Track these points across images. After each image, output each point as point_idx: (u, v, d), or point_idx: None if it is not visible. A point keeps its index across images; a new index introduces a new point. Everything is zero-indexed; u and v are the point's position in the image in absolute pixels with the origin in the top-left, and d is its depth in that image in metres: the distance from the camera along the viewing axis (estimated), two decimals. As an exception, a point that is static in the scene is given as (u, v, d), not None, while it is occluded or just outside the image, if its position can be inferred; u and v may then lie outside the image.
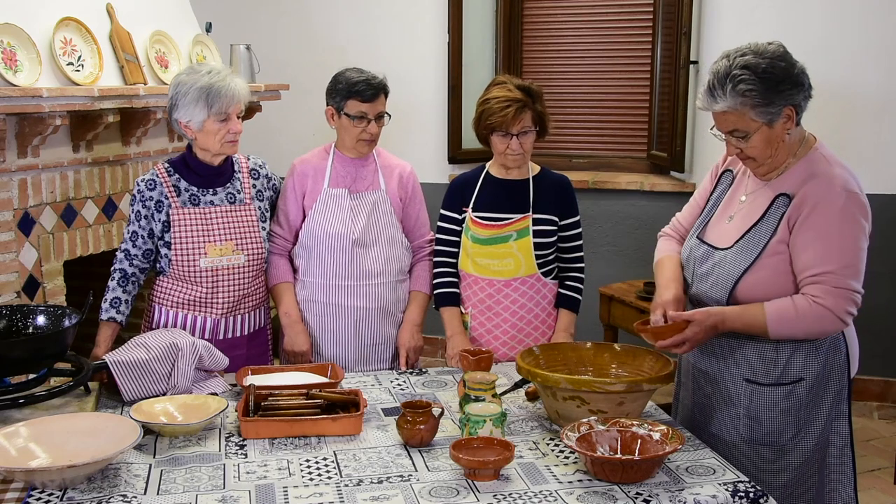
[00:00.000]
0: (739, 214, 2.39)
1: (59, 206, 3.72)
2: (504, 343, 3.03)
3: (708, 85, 2.26)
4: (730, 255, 2.34)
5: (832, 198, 2.23)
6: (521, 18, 5.41)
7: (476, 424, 2.20)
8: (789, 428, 2.35)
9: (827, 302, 2.21)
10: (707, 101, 2.27)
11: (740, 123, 2.25)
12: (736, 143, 2.29)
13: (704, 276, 2.39)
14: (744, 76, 2.20)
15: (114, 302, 2.86)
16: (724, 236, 2.39)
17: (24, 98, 3.29)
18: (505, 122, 2.86)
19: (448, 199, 3.11)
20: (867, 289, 3.50)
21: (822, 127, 4.63)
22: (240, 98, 2.84)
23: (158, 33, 4.17)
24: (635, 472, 2.02)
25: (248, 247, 2.94)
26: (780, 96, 2.22)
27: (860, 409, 4.80)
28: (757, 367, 2.36)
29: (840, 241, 2.23)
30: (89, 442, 2.11)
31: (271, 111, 4.99)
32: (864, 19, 4.56)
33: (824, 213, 2.23)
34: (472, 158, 5.35)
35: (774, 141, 2.27)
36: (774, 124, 2.24)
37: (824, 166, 2.29)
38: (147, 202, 2.87)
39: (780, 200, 2.30)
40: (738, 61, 2.22)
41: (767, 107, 2.21)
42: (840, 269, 2.22)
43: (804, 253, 2.24)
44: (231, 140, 2.86)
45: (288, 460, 2.17)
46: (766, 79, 2.20)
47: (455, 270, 3.09)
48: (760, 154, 2.29)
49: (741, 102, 2.21)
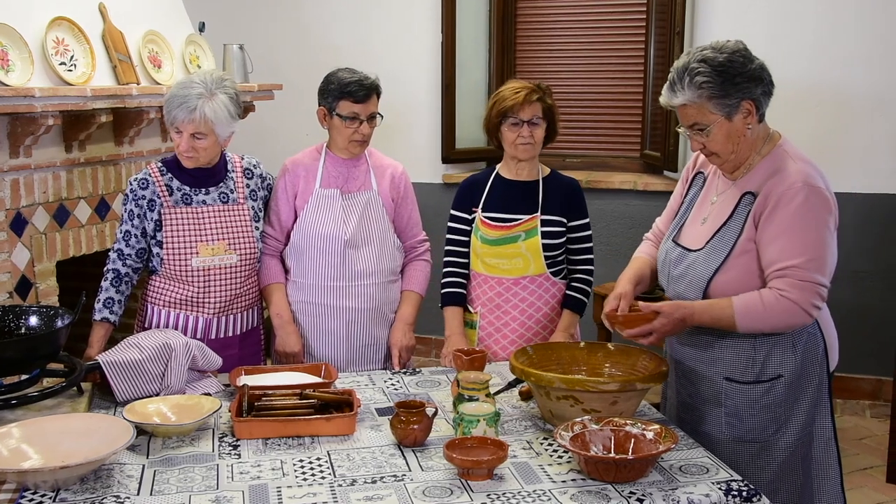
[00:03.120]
0: (712, 216, 2.42)
1: (52, 206, 3.71)
2: (512, 342, 3.03)
3: (669, 80, 2.33)
4: (701, 255, 2.38)
5: (794, 193, 2.26)
6: (514, 18, 5.41)
7: (470, 424, 2.20)
8: (771, 424, 2.38)
9: (792, 295, 2.24)
10: (668, 95, 2.33)
11: (700, 117, 2.30)
12: (698, 137, 2.34)
13: (679, 277, 2.43)
14: (701, 69, 2.25)
15: (107, 302, 2.86)
16: (698, 238, 2.42)
17: (17, 98, 3.28)
18: (516, 105, 2.90)
19: (458, 200, 3.12)
20: (860, 288, 3.56)
21: (816, 127, 4.70)
22: (198, 120, 2.74)
23: (151, 33, 4.16)
24: (629, 472, 2.03)
25: (241, 246, 2.93)
26: (737, 89, 2.26)
27: (852, 408, 4.82)
28: (735, 365, 2.38)
29: (803, 235, 2.26)
30: (82, 443, 2.11)
31: (265, 111, 4.99)
32: (856, 19, 4.58)
33: (787, 208, 2.26)
34: (465, 158, 5.36)
35: (735, 135, 2.31)
36: (733, 118, 2.29)
37: (787, 162, 2.33)
38: (139, 201, 2.87)
39: (746, 199, 2.34)
40: (696, 55, 2.28)
41: (724, 99, 2.26)
42: (805, 262, 2.25)
43: (769, 248, 2.28)
44: (185, 154, 2.83)
45: (281, 460, 2.17)
46: (723, 72, 2.25)
47: (464, 271, 3.10)
48: (722, 148, 2.33)
49: (699, 95, 2.26)
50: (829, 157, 4.71)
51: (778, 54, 4.70)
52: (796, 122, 4.74)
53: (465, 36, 5.30)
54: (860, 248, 4.70)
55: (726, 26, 4.78)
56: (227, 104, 2.80)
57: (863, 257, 4.70)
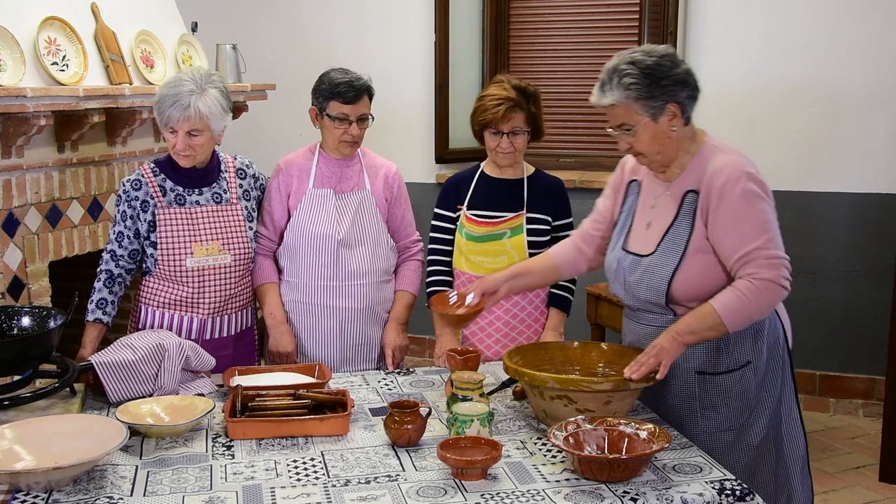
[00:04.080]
0: (655, 219, 2.46)
1: (44, 206, 3.70)
2: (497, 341, 3.03)
3: (599, 80, 2.38)
4: (655, 259, 2.42)
5: (734, 182, 2.31)
6: (507, 18, 5.41)
7: (463, 424, 2.19)
8: (744, 410, 2.44)
9: (764, 275, 2.28)
10: (598, 95, 2.38)
11: (627, 117, 2.35)
12: (625, 137, 2.38)
13: (637, 283, 2.45)
14: (629, 70, 2.31)
15: (100, 303, 2.85)
16: (647, 242, 2.46)
17: (8, 98, 3.27)
18: (496, 119, 2.90)
19: (443, 198, 3.12)
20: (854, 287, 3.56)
21: (810, 126, 4.71)
22: (193, 118, 2.75)
23: (144, 33, 4.15)
24: (622, 471, 2.03)
25: (235, 246, 2.93)
26: (662, 92, 2.32)
27: (845, 407, 4.83)
28: (705, 358, 2.43)
29: (752, 219, 2.31)
30: (75, 443, 2.10)
31: (258, 111, 4.98)
32: (850, 19, 4.58)
33: (731, 198, 2.31)
34: (459, 158, 5.35)
35: (660, 136, 2.36)
36: (659, 119, 2.34)
37: (718, 156, 2.38)
38: (133, 202, 2.86)
39: (689, 197, 2.39)
40: (626, 58, 2.34)
41: (650, 100, 2.32)
42: (764, 242, 2.30)
43: (724, 240, 2.32)
44: (181, 154, 2.83)
45: (275, 461, 2.16)
46: (650, 74, 2.30)
47: (448, 269, 3.10)
48: (648, 149, 2.38)
49: (626, 95, 2.32)
50: (822, 157, 4.73)
51: (771, 54, 4.73)
52: (790, 121, 4.76)
53: (458, 36, 5.30)
54: (854, 247, 4.71)
55: (719, 26, 4.79)
56: (218, 98, 2.80)
57: (857, 257, 4.72)
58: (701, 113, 2.45)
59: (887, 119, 4.60)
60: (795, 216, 4.77)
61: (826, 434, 4.57)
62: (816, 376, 4.86)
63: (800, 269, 4.81)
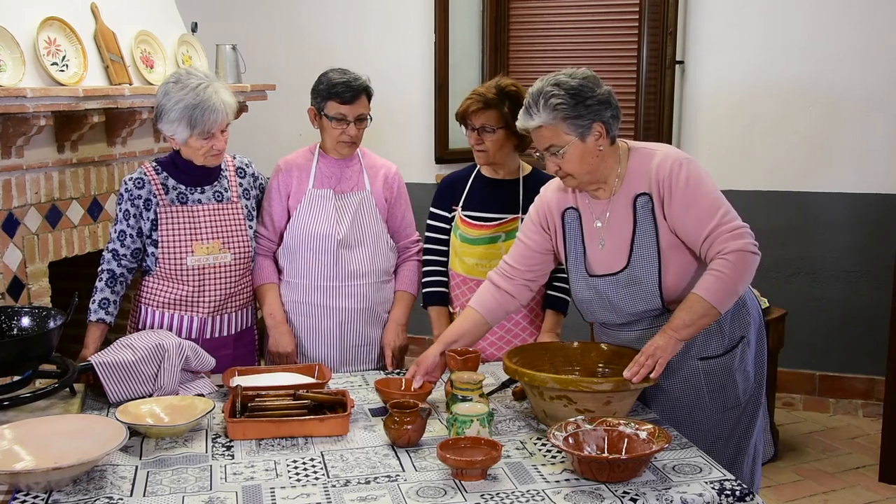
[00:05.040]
0: (609, 237, 2.49)
1: (44, 206, 3.70)
2: (492, 343, 3.03)
3: (524, 104, 2.43)
4: (634, 271, 2.44)
5: (676, 172, 2.38)
6: (507, 18, 5.41)
7: (463, 424, 2.20)
8: (746, 383, 2.52)
9: (734, 246, 2.32)
10: (524, 119, 2.43)
11: (555, 138, 2.39)
12: (553, 159, 2.42)
13: (625, 300, 2.47)
14: (555, 92, 2.37)
15: (102, 303, 2.85)
16: (613, 261, 2.48)
17: (8, 98, 3.27)
18: (465, 112, 2.93)
19: (438, 198, 3.11)
20: (853, 288, 3.55)
21: (809, 127, 4.71)
22: (225, 115, 2.80)
23: (144, 33, 4.15)
24: (622, 471, 2.03)
25: (235, 245, 2.93)
26: (589, 111, 2.37)
27: (845, 407, 4.83)
28: (705, 343, 2.47)
29: (704, 200, 2.37)
30: (75, 444, 2.10)
31: (258, 111, 4.97)
32: (849, 20, 4.59)
33: (678, 187, 2.38)
34: (459, 158, 5.35)
35: (588, 156, 2.41)
36: (586, 139, 2.39)
37: (651, 154, 2.46)
38: (136, 201, 2.86)
39: (640, 200, 2.44)
40: (550, 80, 2.41)
41: (577, 119, 2.37)
42: (720, 219, 2.35)
43: (685, 227, 2.38)
44: (214, 154, 2.85)
45: (275, 461, 2.16)
46: (575, 94, 2.37)
47: (444, 269, 3.09)
48: (577, 169, 2.42)
49: (553, 116, 2.37)
50: (821, 157, 4.73)
51: (770, 55, 4.73)
52: (789, 122, 4.76)
53: (458, 36, 5.30)
54: (853, 247, 4.71)
55: (719, 27, 4.79)
56: (225, 87, 2.84)
57: (856, 257, 4.72)
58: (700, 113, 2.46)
59: (886, 120, 4.60)
60: (794, 216, 4.77)
61: (826, 434, 4.57)
62: (816, 376, 4.86)
63: (799, 269, 4.82)
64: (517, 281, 2.64)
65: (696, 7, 4.84)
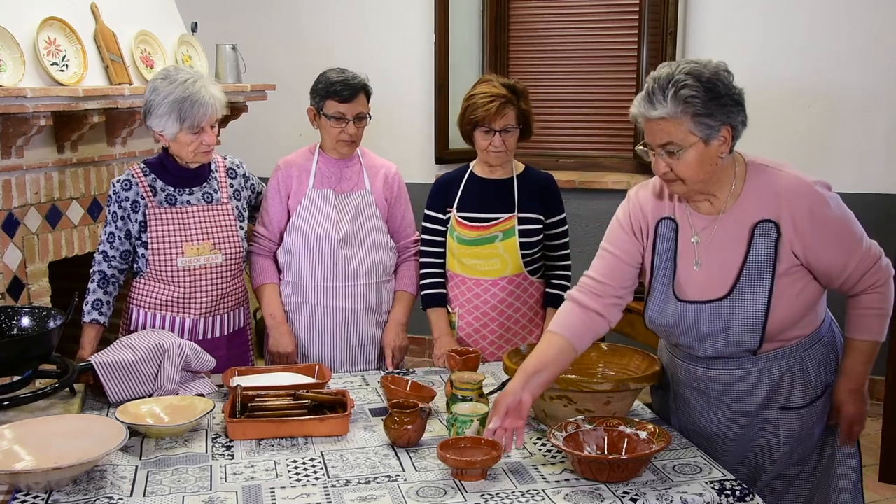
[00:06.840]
0: (707, 258, 2.20)
1: (44, 206, 3.70)
2: (492, 343, 3.03)
3: (647, 90, 2.09)
4: (736, 303, 2.15)
5: (814, 198, 2.13)
6: (507, 18, 5.41)
7: (463, 424, 2.20)
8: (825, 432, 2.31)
9: (883, 278, 2.20)
10: (644, 106, 2.09)
11: (677, 136, 2.07)
12: (666, 159, 2.11)
13: (718, 332, 2.19)
14: (688, 82, 2.05)
15: (95, 304, 2.85)
16: (709, 286, 2.19)
17: (8, 98, 3.27)
18: (488, 116, 2.87)
19: (432, 200, 3.11)
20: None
21: (809, 127, 4.71)
22: (214, 110, 2.79)
23: (143, 33, 4.15)
24: (622, 472, 2.03)
25: (226, 246, 2.92)
26: (722, 110, 2.08)
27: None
28: (790, 393, 2.24)
29: (847, 229, 2.18)
30: (75, 444, 2.10)
31: (258, 111, 4.98)
32: (849, 20, 4.59)
33: (824, 218, 2.14)
34: (458, 158, 5.34)
35: (707, 162, 2.10)
36: (711, 142, 2.09)
37: (778, 175, 2.18)
38: (123, 203, 2.85)
39: (763, 227, 2.14)
40: (682, 68, 2.09)
41: (707, 118, 2.06)
42: (866, 248, 2.19)
43: (829, 259, 2.16)
44: (204, 151, 2.84)
45: (275, 461, 2.16)
46: (710, 88, 2.06)
47: (441, 271, 3.09)
48: (692, 175, 2.11)
49: (682, 110, 2.05)
50: (822, 157, 4.73)
51: (771, 54, 4.73)
52: (789, 122, 4.76)
53: (458, 36, 5.30)
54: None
55: (719, 27, 4.79)
56: (214, 83, 2.84)
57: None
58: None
59: (886, 120, 4.60)
60: (795, 216, 4.77)
61: (825, 434, 4.56)
62: (816, 376, 4.85)
63: (799, 270, 4.81)
64: (607, 299, 2.29)
65: (696, 7, 4.84)
